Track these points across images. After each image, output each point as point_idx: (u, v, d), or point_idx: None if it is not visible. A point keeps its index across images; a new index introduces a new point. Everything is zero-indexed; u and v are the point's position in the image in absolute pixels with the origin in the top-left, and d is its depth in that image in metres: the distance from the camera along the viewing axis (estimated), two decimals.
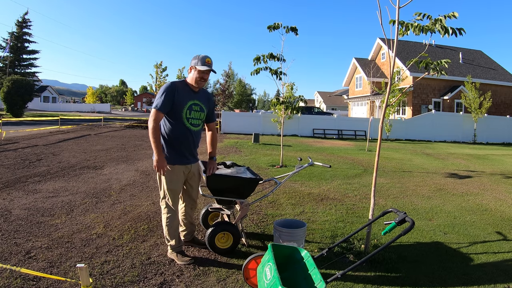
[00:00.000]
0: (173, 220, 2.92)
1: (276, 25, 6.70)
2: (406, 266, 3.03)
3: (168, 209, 2.90)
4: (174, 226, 2.94)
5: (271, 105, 11.71)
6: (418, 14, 3.02)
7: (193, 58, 2.82)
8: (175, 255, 2.95)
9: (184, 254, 2.98)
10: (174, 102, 2.73)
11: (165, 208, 2.90)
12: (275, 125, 16.58)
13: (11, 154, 8.11)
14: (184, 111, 2.79)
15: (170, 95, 2.71)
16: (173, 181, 2.84)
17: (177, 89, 2.76)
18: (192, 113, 2.84)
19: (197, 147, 3.05)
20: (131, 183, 5.76)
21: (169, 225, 2.91)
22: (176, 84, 2.78)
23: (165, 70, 34.25)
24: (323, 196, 5.42)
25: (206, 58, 2.78)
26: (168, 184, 2.84)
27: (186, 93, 2.81)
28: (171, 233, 2.93)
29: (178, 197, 2.96)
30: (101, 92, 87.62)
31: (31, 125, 17.15)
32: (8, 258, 2.84)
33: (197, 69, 2.77)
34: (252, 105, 60.65)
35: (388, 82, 3.40)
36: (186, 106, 2.79)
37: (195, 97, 2.87)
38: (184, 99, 2.78)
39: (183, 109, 2.78)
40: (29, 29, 37.51)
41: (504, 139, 19.97)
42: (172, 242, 2.95)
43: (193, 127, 2.87)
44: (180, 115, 2.78)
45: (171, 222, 2.91)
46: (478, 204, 5.34)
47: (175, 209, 2.94)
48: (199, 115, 2.91)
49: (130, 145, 11.10)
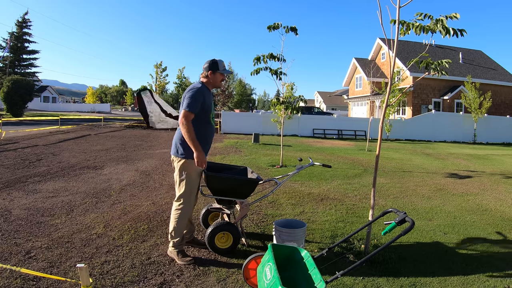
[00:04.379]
0: (185, 217, 2.98)
1: (276, 25, 6.70)
2: (406, 266, 3.03)
3: (184, 205, 2.96)
4: (184, 223, 2.99)
5: (271, 105, 11.71)
6: (419, 14, 3.02)
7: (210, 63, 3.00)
8: (176, 253, 2.96)
9: (185, 254, 2.99)
10: (205, 104, 2.92)
11: (181, 204, 2.96)
12: (275, 125, 16.57)
13: (11, 154, 8.11)
14: (212, 112, 3.04)
15: (201, 98, 2.88)
16: (195, 176, 2.96)
17: (205, 93, 2.94)
18: (213, 112, 3.10)
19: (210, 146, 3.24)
20: (131, 183, 5.76)
21: (179, 220, 2.95)
22: (203, 88, 2.95)
23: (165, 70, 34.16)
24: (323, 196, 5.41)
25: (222, 63, 3.05)
26: (191, 178, 2.94)
27: (209, 95, 3.05)
28: (179, 229, 2.97)
29: (195, 193, 3.06)
30: (101, 92, 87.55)
31: (31, 125, 17.15)
32: (8, 258, 2.84)
33: (220, 72, 3.01)
34: (252, 105, 60.64)
35: (388, 82, 3.40)
36: (212, 107, 3.06)
37: (212, 97, 3.14)
38: (211, 101, 3.03)
39: (211, 110, 3.02)
40: (29, 29, 37.55)
41: (504, 139, 19.97)
42: (177, 239, 2.97)
43: (215, 125, 3.18)
44: (209, 115, 3.00)
45: (183, 218, 2.96)
46: (478, 204, 5.34)
47: (190, 206, 3.02)
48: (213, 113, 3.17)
49: (130, 145, 11.09)
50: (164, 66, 34.08)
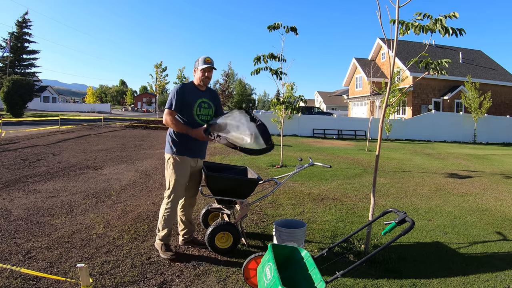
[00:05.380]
0: (172, 212, 3.02)
1: (276, 25, 6.70)
2: (406, 266, 3.03)
3: (170, 199, 3.01)
4: (170, 217, 3.03)
5: (271, 105, 11.71)
6: (419, 14, 3.02)
7: (195, 61, 3.11)
8: (160, 246, 3.04)
9: (168, 248, 3.05)
10: (184, 101, 3.00)
11: (167, 198, 3.02)
12: (275, 125, 16.54)
13: (11, 154, 8.11)
14: (194, 109, 3.05)
15: (180, 95, 2.98)
16: (181, 172, 3.00)
17: (186, 90, 3.04)
18: (201, 110, 3.10)
19: (206, 143, 3.25)
20: (131, 183, 5.76)
21: (167, 214, 3.01)
22: (184, 85, 3.09)
23: (165, 70, 34.13)
24: (323, 196, 5.41)
25: (206, 58, 3.05)
26: (177, 174, 2.99)
27: (194, 92, 3.09)
28: (165, 223, 3.02)
29: (183, 190, 3.09)
30: (101, 92, 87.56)
31: (31, 125, 17.14)
32: (8, 258, 2.84)
33: (199, 69, 3.05)
34: (252, 105, 60.63)
35: (388, 82, 3.40)
36: (196, 104, 3.06)
37: (202, 95, 3.12)
38: (193, 98, 3.05)
39: (193, 107, 3.04)
40: (29, 29, 37.50)
41: (504, 139, 19.97)
42: (162, 233, 3.03)
43: (203, 122, 3.11)
44: (191, 112, 3.04)
45: (170, 212, 3.01)
46: (478, 204, 5.34)
47: (177, 201, 3.06)
48: (207, 112, 3.15)
49: (130, 145, 11.09)
50: (164, 66, 34.07)
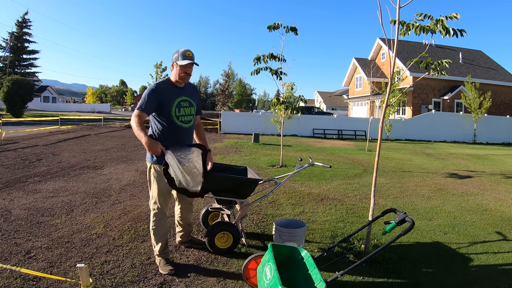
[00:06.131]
0: (160, 224, 2.81)
1: (276, 25, 6.70)
2: (406, 266, 3.03)
3: (156, 212, 2.79)
4: (161, 230, 2.82)
5: (271, 105, 11.71)
6: (419, 14, 3.02)
7: (173, 54, 2.72)
8: (159, 261, 2.82)
9: (168, 261, 2.83)
10: (159, 103, 2.65)
11: (153, 210, 2.80)
12: (275, 125, 16.56)
13: (11, 154, 8.11)
14: (173, 110, 2.71)
15: (153, 96, 2.63)
16: (163, 181, 2.64)
17: (161, 90, 2.68)
18: (181, 110, 2.76)
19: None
20: (131, 183, 5.76)
21: (155, 229, 2.80)
22: (159, 85, 2.71)
23: (165, 70, 34.03)
24: (323, 196, 5.41)
25: (186, 52, 2.66)
26: (158, 184, 2.74)
27: (171, 91, 2.73)
28: (157, 237, 2.82)
29: (168, 199, 2.85)
30: (101, 92, 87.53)
31: (31, 125, 17.15)
32: (8, 258, 2.84)
33: (178, 64, 2.67)
34: (252, 105, 60.62)
35: (388, 82, 3.40)
36: (174, 104, 2.71)
37: (182, 93, 2.78)
38: (170, 97, 2.71)
39: (171, 108, 2.70)
40: (29, 29, 37.49)
41: (504, 139, 19.97)
42: (157, 247, 2.82)
43: (184, 124, 2.78)
44: (170, 114, 2.71)
45: (158, 226, 2.80)
46: (478, 204, 5.34)
47: (164, 212, 2.83)
48: (189, 111, 2.82)
49: (130, 145, 11.09)
50: (164, 66, 34.00)
